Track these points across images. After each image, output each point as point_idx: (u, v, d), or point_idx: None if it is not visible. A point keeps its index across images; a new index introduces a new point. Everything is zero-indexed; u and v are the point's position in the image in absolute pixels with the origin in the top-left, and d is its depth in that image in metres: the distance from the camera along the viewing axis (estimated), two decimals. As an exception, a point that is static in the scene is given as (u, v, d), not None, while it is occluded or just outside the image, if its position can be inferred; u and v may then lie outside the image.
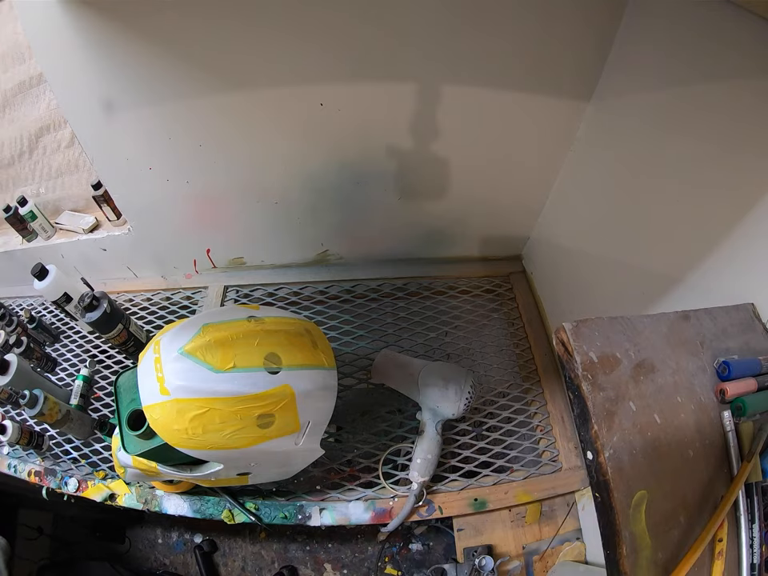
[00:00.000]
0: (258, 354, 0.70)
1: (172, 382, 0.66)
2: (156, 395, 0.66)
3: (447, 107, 0.86)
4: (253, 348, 0.71)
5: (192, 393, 0.66)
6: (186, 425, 0.66)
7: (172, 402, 0.65)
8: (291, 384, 0.71)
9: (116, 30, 0.73)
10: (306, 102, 0.85)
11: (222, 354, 0.68)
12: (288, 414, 0.71)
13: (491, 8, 0.72)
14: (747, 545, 0.43)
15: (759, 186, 0.55)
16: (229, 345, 0.69)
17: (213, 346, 0.68)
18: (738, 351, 0.52)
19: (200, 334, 0.70)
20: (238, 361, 0.68)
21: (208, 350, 0.68)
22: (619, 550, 0.40)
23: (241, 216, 1.10)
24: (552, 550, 0.87)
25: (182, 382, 0.66)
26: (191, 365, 0.66)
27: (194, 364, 0.67)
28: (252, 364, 0.69)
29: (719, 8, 0.54)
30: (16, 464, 0.98)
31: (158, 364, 0.67)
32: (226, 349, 0.69)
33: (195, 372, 0.66)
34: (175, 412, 0.65)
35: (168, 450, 0.68)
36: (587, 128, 0.89)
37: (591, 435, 0.43)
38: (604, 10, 0.72)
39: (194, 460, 0.71)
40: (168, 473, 0.73)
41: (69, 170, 1.18)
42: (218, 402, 0.66)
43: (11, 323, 1.10)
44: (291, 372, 0.72)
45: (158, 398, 0.66)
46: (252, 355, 0.70)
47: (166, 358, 0.68)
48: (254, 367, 0.69)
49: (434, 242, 1.21)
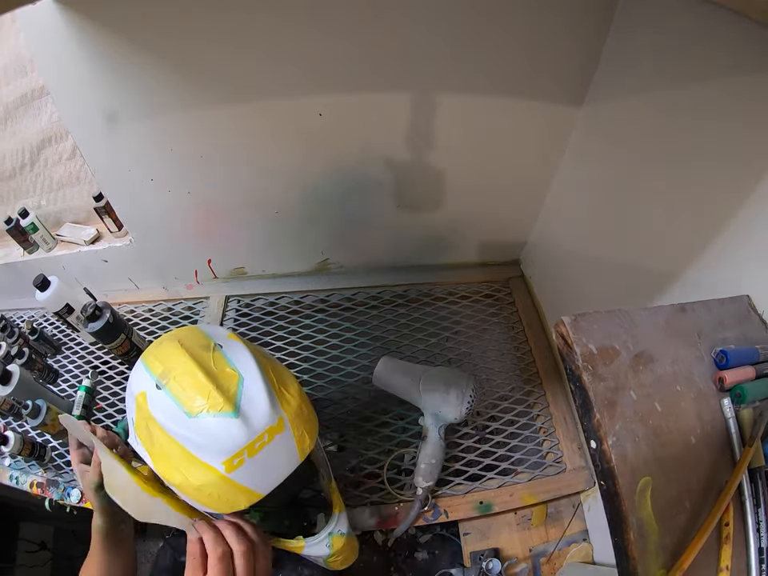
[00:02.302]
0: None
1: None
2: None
3: (443, 116, 0.88)
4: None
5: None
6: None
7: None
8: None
9: (118, 42, 0.75)
10: (304, 113, 0.86)
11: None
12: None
13: (485, 18, 0.74)
14: (754, 529, 0.43)
15: (751, 181, 0.56)
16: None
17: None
18: (734, 341, 0.53)
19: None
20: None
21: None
22: (627, 536, 0.40)
23: (242, 226, 1.11)
24: (559, 552, 0.87)
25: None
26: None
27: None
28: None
29: (704, 10, 0.56)
30: (18, 475, 0.98)
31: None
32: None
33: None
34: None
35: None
36: (580, 132, 0.90)
37: (594, 424, 0.44)
38: (594, 15, 0.74)
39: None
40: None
41: (70, 182, 1.19)
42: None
43: (13, 334, 1.10)
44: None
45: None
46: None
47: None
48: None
49: (432, 248, 1.23)
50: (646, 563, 0.40)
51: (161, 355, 0.64)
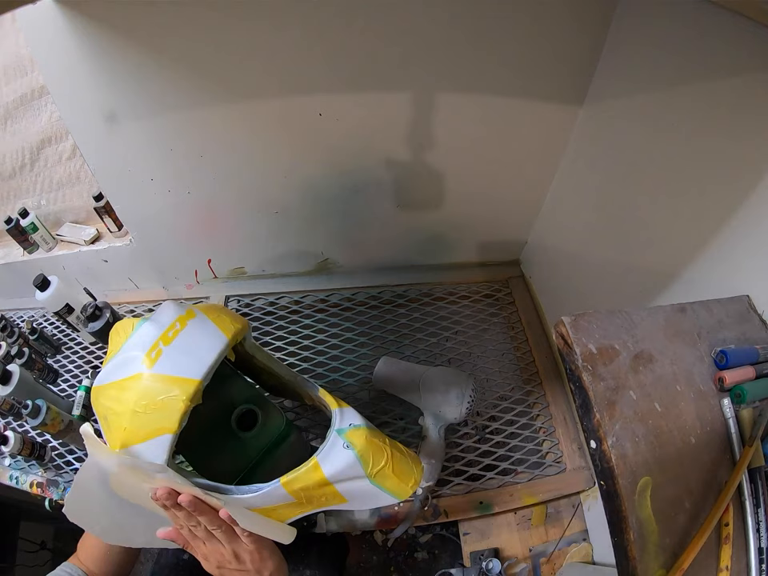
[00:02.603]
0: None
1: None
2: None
3: (443, 116, 0.88)
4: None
5: None
6: None
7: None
8: None
9: (118, 42, 0.74)
10: (304, 112, 0.86)
11: None
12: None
13: (485, 18, 0.74)
14: (754, 529, 0.43)
15: (750, 181, 0.56)
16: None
17: None
18: (734, 341, 0.53)
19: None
20: None
21: None
22: (627, 536, 0.40)
23: (241, 226, 1.11)
24: (559, 552, 0.87)
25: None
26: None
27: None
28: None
29: (703, 10, 0.56)
30: (18, 475, 0.98)
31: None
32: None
33: None
34: None
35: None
36: (581, 132, 0.90)
37: (594, 424, 0.44)
38: (593, 16, 0.74)
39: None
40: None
41: (70, 182, 1.19)
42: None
43: (12, 334, 1.10)
44: None
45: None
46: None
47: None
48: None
49: (432, 248, 1.23)
50: (645, 563, 0.40)
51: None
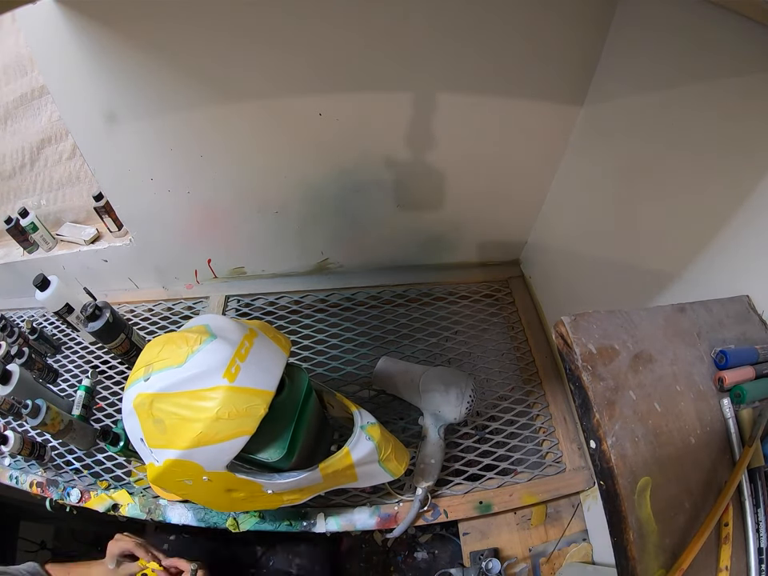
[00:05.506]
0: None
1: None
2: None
3: (443, 116, 0.88)
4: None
5: None
6: None
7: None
8: None
9: (119, 42, 0.75)
10: (304, 113, 0.86)
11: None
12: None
13: (486, 18, 0.74)
14: (753, 529, 0.43)
15: (750, 182, 0.56)
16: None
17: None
18: (734, 341, 0.53)
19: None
20: None
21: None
22: (626, 536, 0.40)
23: (241, 226, 1.11)
24: (559, 552, 0.87)
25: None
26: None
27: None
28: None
29: (704, 10, 0.56)
30: (18, 475, 0.98)
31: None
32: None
33: None
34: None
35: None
36: (581, 132, 0.90)
37: (593, 424, 0.44)
38: (593, 16, 0.74)
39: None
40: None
41: (70, 182, 1.19)
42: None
43: (12, 334, 1.10)
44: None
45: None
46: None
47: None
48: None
49: (432, 248, 1.23)
50: (645, 563, 0.40)
51: (136, 366, 0.68)
